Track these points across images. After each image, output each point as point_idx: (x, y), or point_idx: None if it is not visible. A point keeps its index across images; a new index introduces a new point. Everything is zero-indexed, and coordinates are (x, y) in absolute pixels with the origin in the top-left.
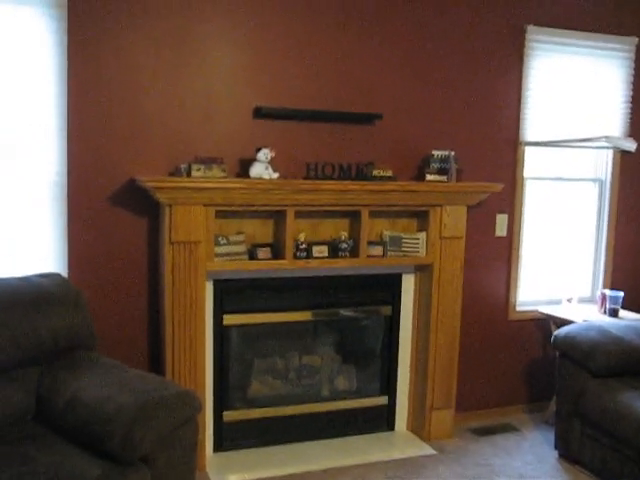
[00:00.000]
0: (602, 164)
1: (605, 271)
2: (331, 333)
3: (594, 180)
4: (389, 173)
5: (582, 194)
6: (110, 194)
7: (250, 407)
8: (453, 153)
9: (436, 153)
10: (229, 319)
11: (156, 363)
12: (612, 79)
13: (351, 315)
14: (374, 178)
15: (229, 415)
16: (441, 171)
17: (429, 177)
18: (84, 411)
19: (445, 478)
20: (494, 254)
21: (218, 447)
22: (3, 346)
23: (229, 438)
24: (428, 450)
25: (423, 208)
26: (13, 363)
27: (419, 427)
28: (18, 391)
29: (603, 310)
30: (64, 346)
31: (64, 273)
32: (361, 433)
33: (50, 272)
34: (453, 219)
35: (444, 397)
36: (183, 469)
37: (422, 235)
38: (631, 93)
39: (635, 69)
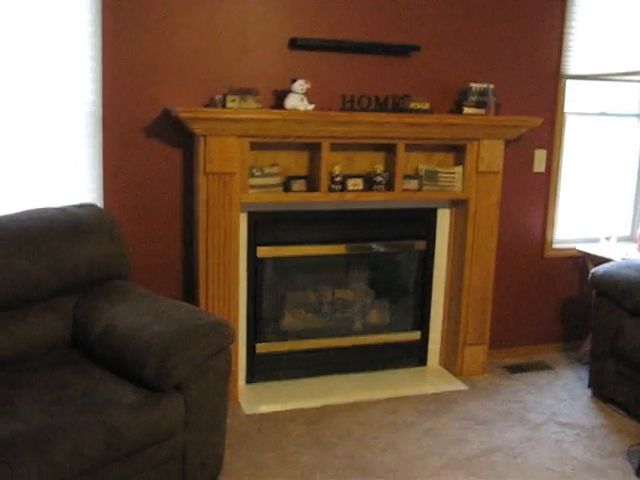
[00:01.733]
0: None
1: None
2: (365, 267)
3: (638, 116)
4: (426, 106)
5: (625, 130)
6: (145, 125)
7: (282, 340)
8: (492, 86)
9: (474, 86)
10: (263, 251)
11: (190, 294)
12: None
13: (385, 249)
14: (411, 110)
15: (262, 347)
16: (479, 104)
17: (467, 110)
18: (119, 339)
19: (476, 413)
20: (532, 190)
21: (250, 379)
22: (42, 275)
23: (261, 370)
24: (460, 385)
25: (460, 142)
26: (51, 292)
27: (451, 363)
28: (55, 319)
29: None
30: (100, 275)
31: (100, 203)
32: (393, 368)
33: (86, 202)
34: (490, 153)
35: (477, 333)
36: (216, 398)
37: (458, 169)
38: None
39: None
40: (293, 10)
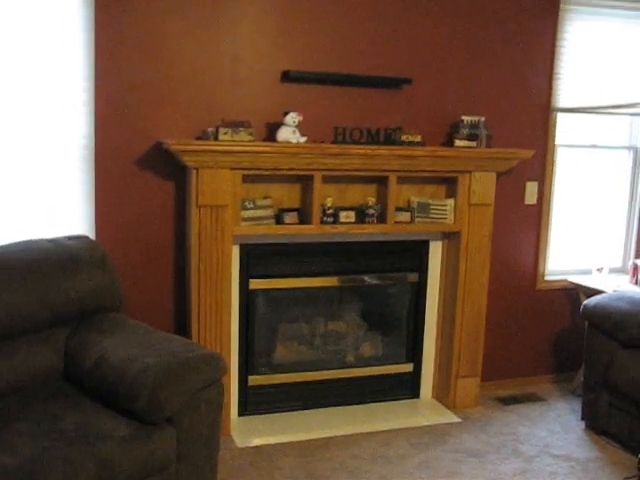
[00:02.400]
0: (638, 131)
1: (638, 241)
2: (357, 299)
3: (629, 148)
4: (418, 138)
5: (616, 162)
6: (137, 157)
7: (275, 372)
8: (483, 119)
9: (466, 119)
10: (255, 283)
11: (182, 326)
12: None
13: (378, 282)
14: (402, 143)
15: (254, 380)
16: (471, 137)
17: (458, 143)
18: (111, 371)
19: (469, 446)
20: (523, 222)
21: (243, 411)
22: (33, 307)
23: (254, 402)
24: (453, 418)
25: (452, 174)
26: (42, 324)
27: (444, 395)
28: (47, 351)
29: (634, 281)
30: (91, 307)
31: (91, 235)
32: (386, 400)
33: (78, 234)
34: (482, 186)
35: (470, 365)
36: (208, 431)
37: (450, 202)
38: None
39: None
40: (286, 42)
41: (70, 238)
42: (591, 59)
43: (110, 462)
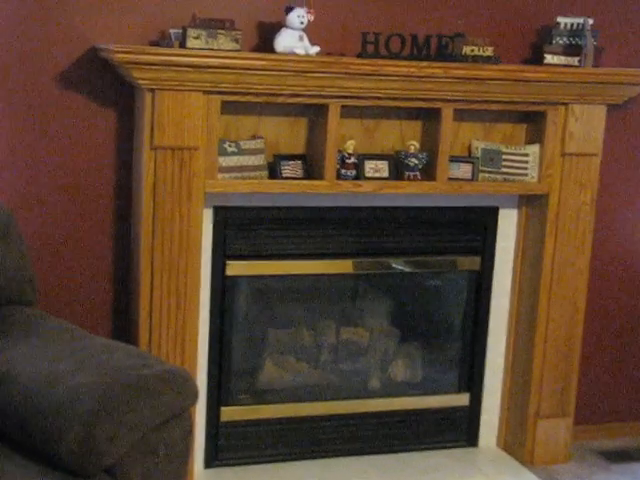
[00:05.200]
0: None
1: None
2: (385, 295)
3: None
4: (488, 52)
5: None
6: (60, 72)
7: (261, 402)
8: (590, 21)
9: (563, 21)
10: (235, 267)
11: (124, 329)
12: None
13: (415, 269)
14: (465, 58)
15: (230, 412)
16: (570, 49)
17: (550, 59)
18: (20, 396)
19: None
20: None
21: (211, 461)
22: None
23: (228, 448)
24: (530, 478)
25: (538, 107)
26: None
27: (517, 443)
28: None
29: None
30: None
31: None
32: (428, 449)
33: None
34: (585, 125)
35: (557, 400)
36: None
37: (534, 149)
38: None
39: None
40: None
41: None
42: None
43: None
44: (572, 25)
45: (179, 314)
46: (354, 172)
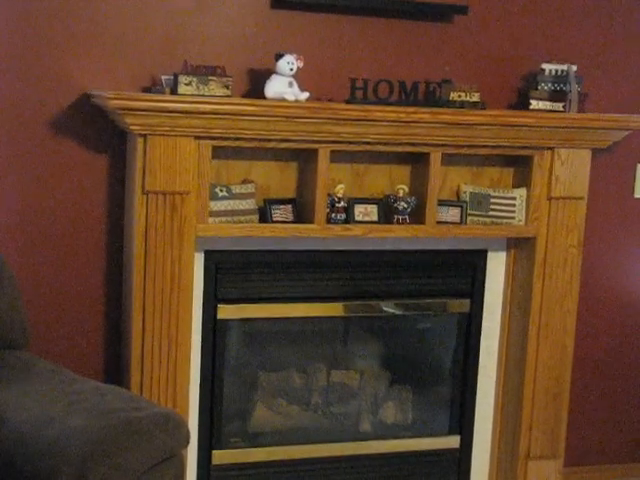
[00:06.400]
0: None
1: None
2: (376, 337)
3: None
4: (475, 97)
5: None
6: (52, 117)
7: (253, 445)
8: (574, 68)
9: (548, 67)
10: (226, 311)
11: (116, 373)
12: None
13: (406, 312)
14: (452, 104)
15: (221, 456)
16: (555, 95)
17: (536, 104)
18: (12, 438)
19: None
20: (632, 225)
21: None
22: None
23: None
24: None
25: (524, 152)
26: None
27: None
28: None
29: None
30: None
31: None
32: None
33: None
34: (570, 170)
35: (548, 441)
36: None
37: (521, 192)
38: None
39: None
40: None
41: None
42: None
43: None
44: (557, 71)
45: (170, 357)
46: (344, 216)
